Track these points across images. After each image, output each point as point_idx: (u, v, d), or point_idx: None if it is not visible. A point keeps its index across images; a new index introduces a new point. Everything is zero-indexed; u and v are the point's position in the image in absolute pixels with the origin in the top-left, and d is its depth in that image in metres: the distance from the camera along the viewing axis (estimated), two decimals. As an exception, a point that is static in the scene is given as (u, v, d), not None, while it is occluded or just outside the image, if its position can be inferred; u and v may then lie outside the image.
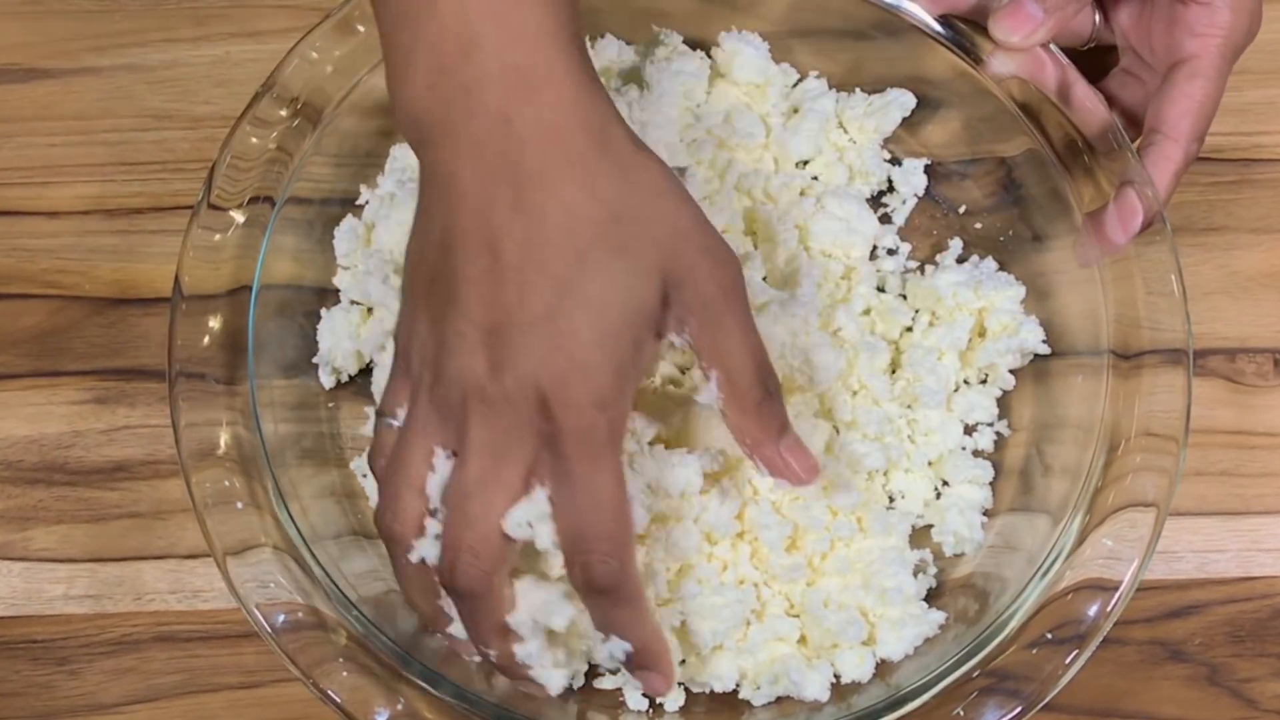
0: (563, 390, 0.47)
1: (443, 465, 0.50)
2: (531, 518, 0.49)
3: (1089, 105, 0.61)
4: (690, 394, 0.58)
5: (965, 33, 0.63)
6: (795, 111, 0.67)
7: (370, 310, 0.64)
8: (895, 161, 0.68)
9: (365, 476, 0.63)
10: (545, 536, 0.49)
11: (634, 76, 0.67)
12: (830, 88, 0.67)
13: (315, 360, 0.64)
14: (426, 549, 0.51)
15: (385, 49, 0.50)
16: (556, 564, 0.51)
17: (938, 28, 0.63)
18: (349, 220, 0.65)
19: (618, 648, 0.51)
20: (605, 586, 0.49)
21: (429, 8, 0.48)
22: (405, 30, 0.49)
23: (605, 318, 0.47)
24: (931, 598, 0.61)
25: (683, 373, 0.60)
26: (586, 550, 0.48)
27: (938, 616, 0.60)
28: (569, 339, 0.47)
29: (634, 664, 0.51)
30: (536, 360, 0.47)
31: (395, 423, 0.51)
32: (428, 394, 0.49)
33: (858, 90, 0.67)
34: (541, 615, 0.52)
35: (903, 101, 0.67)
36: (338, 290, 0.65)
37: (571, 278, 0.47)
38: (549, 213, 0.47)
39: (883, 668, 0.60)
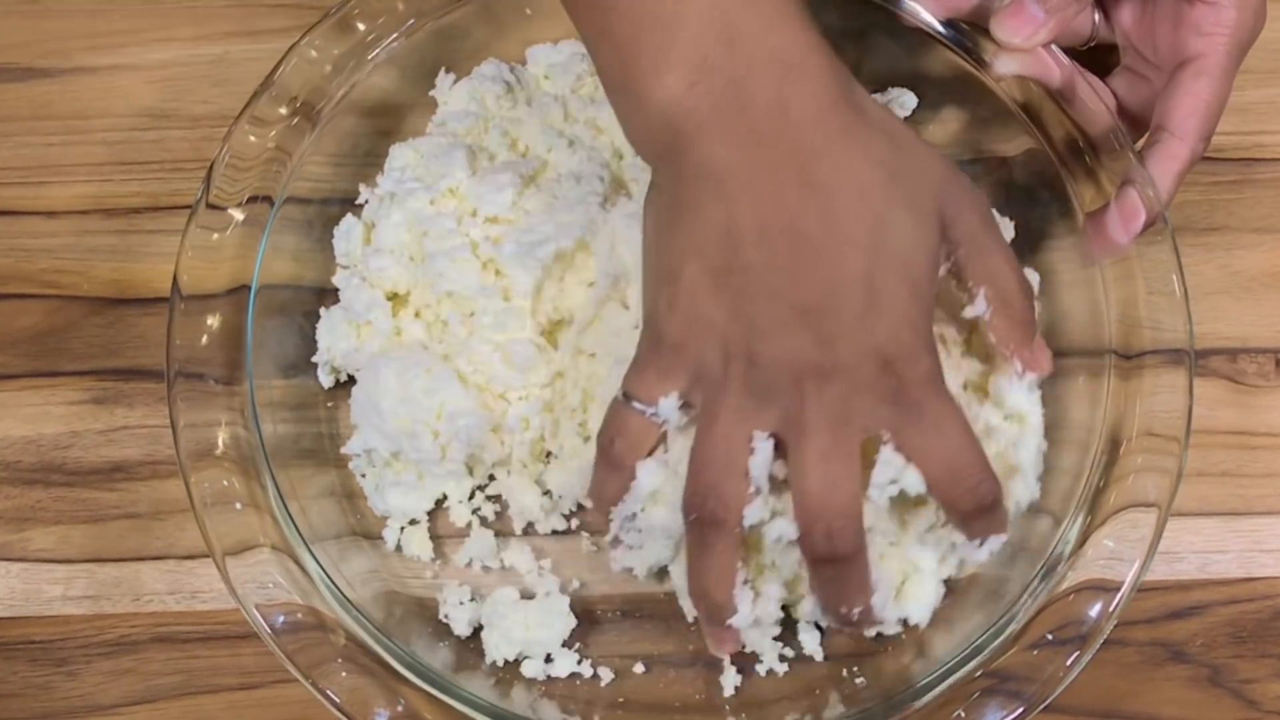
0: (898, 346, 0.49)
1: (763, 448, 0.51)
2: (892, 474, 0.51)
3: (1091, 105, 0.61)
4: None
5: (966, 32, 0.63)
6: None
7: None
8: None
9: (364, 476, 0.63)
10: (913, 483, 0.51)
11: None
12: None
13: (314, 360, 0.63)
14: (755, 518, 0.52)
15: (625, 55, 0.49)
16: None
17: (938, 27, 0.63)
18: (348, 219, 0.65)
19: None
20: (992, 503, 0.52)
21: (681, 6, 0.48)
22: (657, 31, 0.48)
23: (912, 270, 0.49)
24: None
25: None
26: (968, 476, 0.51)
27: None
28: (891, 298, 0.48)
29: (981, 534, 0.54)
30: (867, 325, 0.48)
31: (648, 410, 0.52)
32: (741, 381, 0.50)
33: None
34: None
35: (903, 101, 0.67)
36: (337, 290, 0.64)
37: (874, 241, 0.48)
38: (840, 185, 0.48)
39: (879, 666, 0.60)
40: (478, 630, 0.61)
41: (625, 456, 0.54)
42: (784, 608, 0.59)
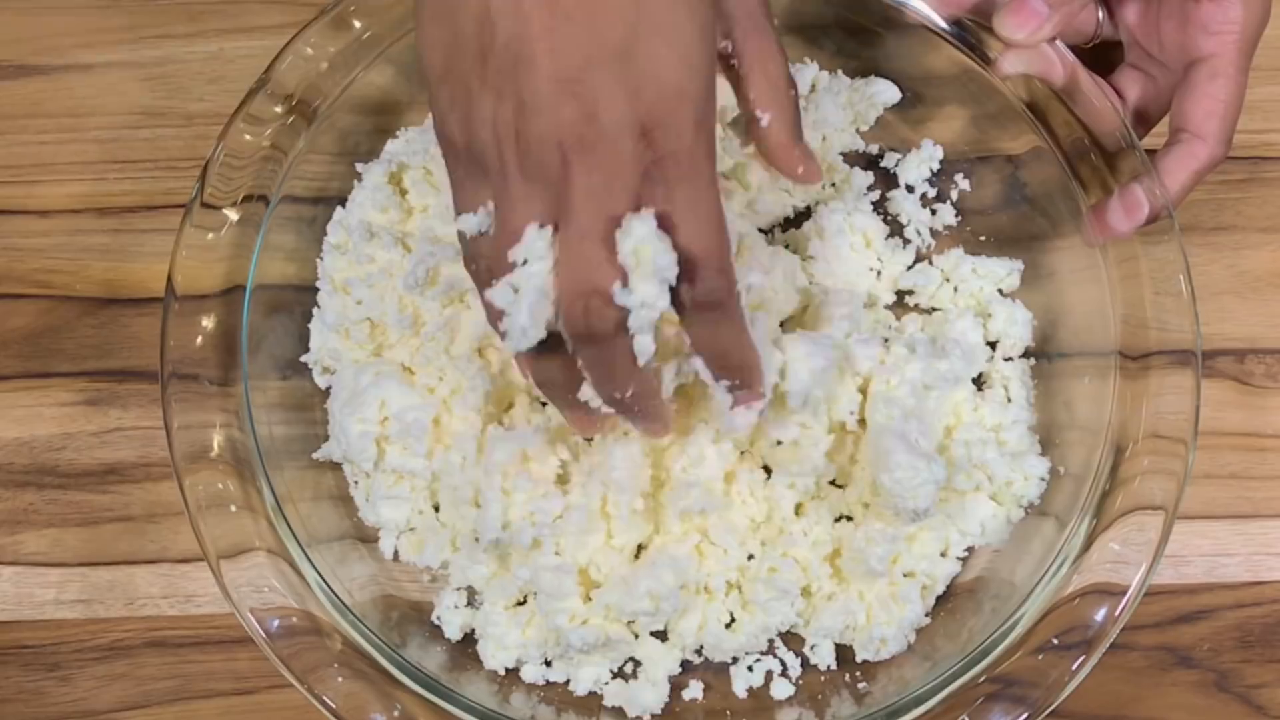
0: (662, 115, 0.47)
1: (532, 235, 0.48)
2: (638, 241, 0.48)
3: (1097, 103, 0.61)
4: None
5: (970, 29, 0.62)
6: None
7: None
8: (880, 157, 0.67)
9: (355, 484, 0.63)
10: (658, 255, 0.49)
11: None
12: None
13: (303, 359, 0.63)
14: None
15: None
16: None
17: (942, 24, 0.63)
18: (339, 211, 0.64)
19: (714, 373, 0.52)
20: (717, 300, 0.49)
21: None
22: None
23: (681, 37, 0.47)
24: (938, 600, 0.61)
25: None
26: (700, 266, 0.49)
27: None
28: (655, 65, 0.46)
29: (733, 383, 0.52)
30: (629, 93, 0.46)
31: (475, 218, 0.50)
32: (517, 170, 0.48)
33: (839, 72, 0.67)
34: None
35: (887, 96, 0.66)
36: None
37: (635, 6, 0.46)
38: None
39: (884, 671, 0.60)
40: (472, 633, 0.61)
41: (489, 271, 0.51)
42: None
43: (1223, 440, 0.65)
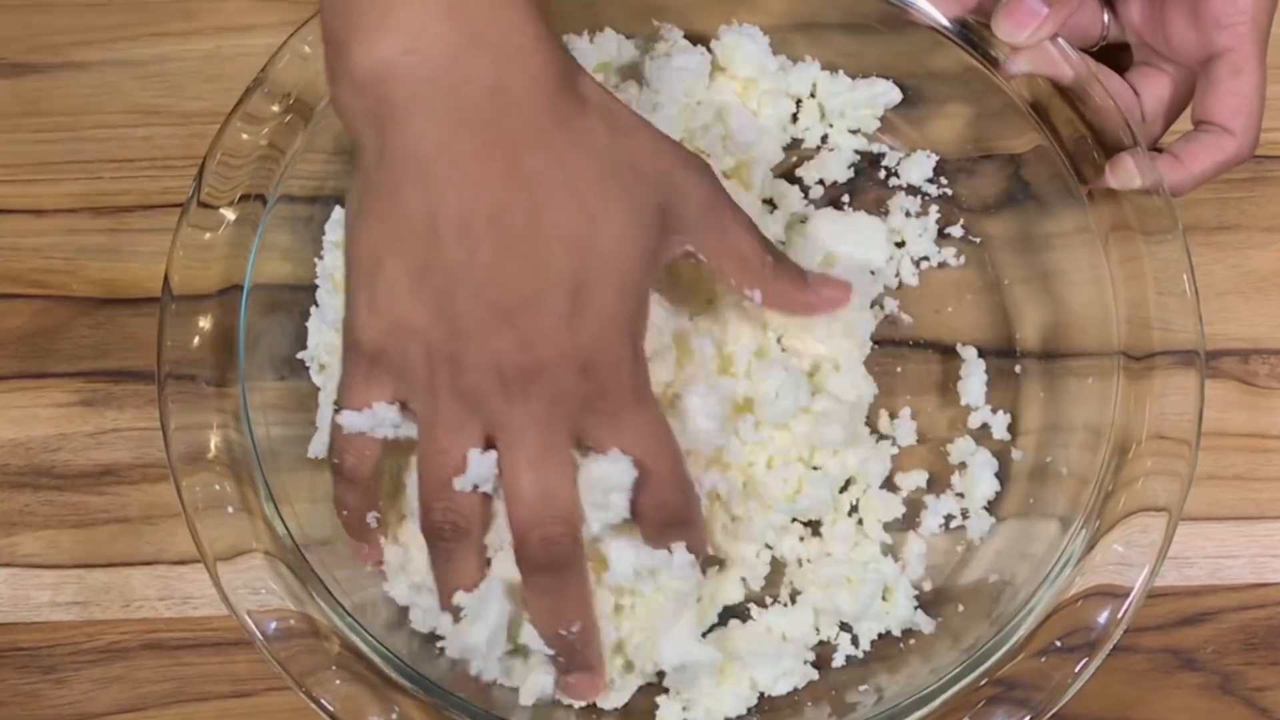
0: (600, 350, 0.48)
1: (474, 459, 0.49)
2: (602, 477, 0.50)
3: (1101, 101, 0.60)
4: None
5: (973, 27, 0.62)
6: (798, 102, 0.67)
7: None
8: (880, 156, 0.67)
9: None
10: (620, 505, 0.51)
11: (633, 73, 0.66)
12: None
13: (299, 355, 0.63)
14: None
15: (349, 11, 0.46)
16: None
17: (944, 22, 0.62)
18: (339, 210, 0.64)
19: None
20: (675, 516, 0.52)
21: None
22: None
23: (625, 270, 0.48)
24: (937, 602, 0.61)
25: None
26: (660, 482, 0.50)
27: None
28: (597, 299, 0.47)
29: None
30: (569, 328, 0.47)
31: (360, 416, 0.51)
32: (449, 391, 0.48)
33: (840, 71, 0.67)
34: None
35: (888, 97, 0.66)
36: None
37: (583, 238, 0.47)
38: (550, 179, 0.47)
39: (887, 673, 0.59)
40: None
41: (358, 470, 0.53)
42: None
43: (1227, 441, 0.65)
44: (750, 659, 0.59)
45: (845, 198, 0.66)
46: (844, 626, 0.61)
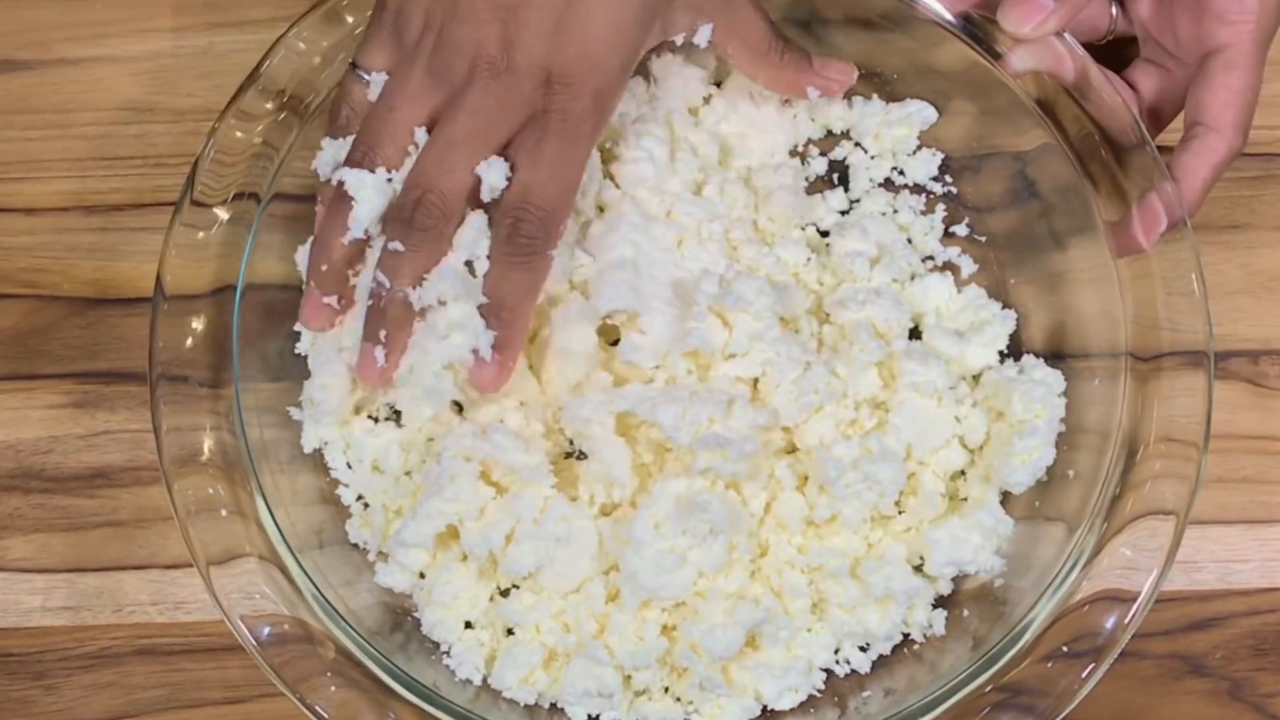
0: (568, 73, 0.52)
1: (420, 135, 0.54)
2: (490, 172, 0.54)
3: (1108, 98, 0.60)
4: None
5: (978, 23, 0.62)
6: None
7: None
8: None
9: (349, 490, 0.62)
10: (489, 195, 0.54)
11: (638, 69, 0.65)
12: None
13: (298, 350, 0.62)
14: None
15: None
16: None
17: (949, 17, 0.62)
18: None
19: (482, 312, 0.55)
20: (524, 248, 0.54)
21: None
22: None
23: (620, 9, 0.52)
24: (942, 607, 0.60)
25: None
26: (525, 204, 0.53)
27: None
28: (583, 25, 0.51)
29: (491, 327, 0.55)
30: (549, 41, 0.51)
31: (367, 76, 0.56)
32: (426, 59, 0.53)
33: (874, 97, 0.66)
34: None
35: (925, 115, 0.66)
36: None
37: None
38: None
39: (891, 679, 0.59)
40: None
41: (350, 123, 0.57)
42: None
43: (1236, 443, 0.64)
44: (757, 671, 0.58)
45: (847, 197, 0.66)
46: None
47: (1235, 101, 0.58)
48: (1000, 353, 0.62)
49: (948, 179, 0.66)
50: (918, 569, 0.60)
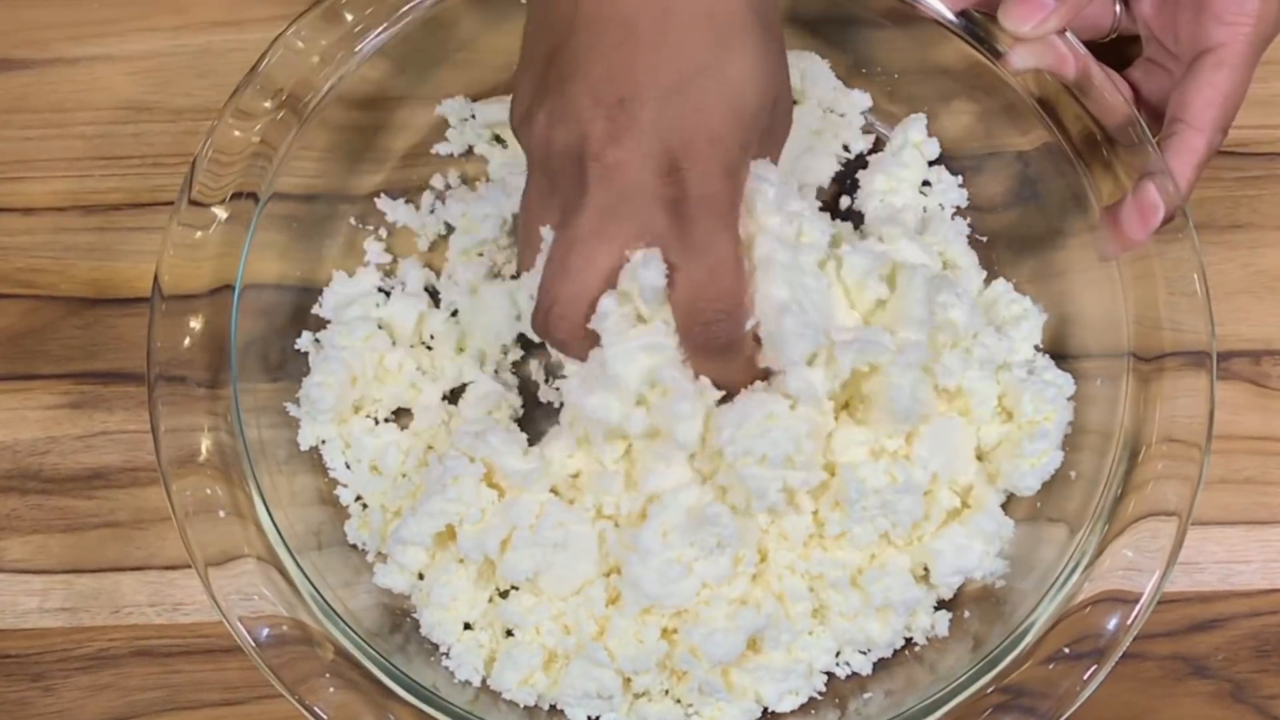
0: (693, 155, 0.49)
1: (547, 235, 0.53)
2: (646, 271, 0.51)
3: (1109, 97, 0.60)
4: None
5: (979, 21, 0.62)
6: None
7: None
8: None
9: (348, 490, 0.62)
10: (651, 294, 0.51)
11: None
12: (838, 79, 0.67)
13: (297, 346, 0.62)
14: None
15: None
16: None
17: (950, 16, 0.62)
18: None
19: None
20: (724, 345, 0.52)
21: None
22: None
23: (739, 96, 0.49)
24: (945, 608, 0.60)
25: None
26: (706, 308, 0.51)
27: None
28: (701, 110, 0.48)
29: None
30: (666, 127, 0.48)
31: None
32: (540, 167, 0.51)
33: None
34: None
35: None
36: (321, 290, 0.64)
37: (709, 60, 0.48)
38: (691, 5, 0.48)
39: (891, 681, 0.59)
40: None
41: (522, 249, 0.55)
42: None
43: (1238, 444, 0.64)
44: (758, 673, 0.58)
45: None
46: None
47: (1219, 101, 0.58)
48: (1035, 347, 0.62)
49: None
50: (922, 577, 0.59)
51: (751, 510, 0.56)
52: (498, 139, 0.66)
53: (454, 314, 0.64)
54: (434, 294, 0.64)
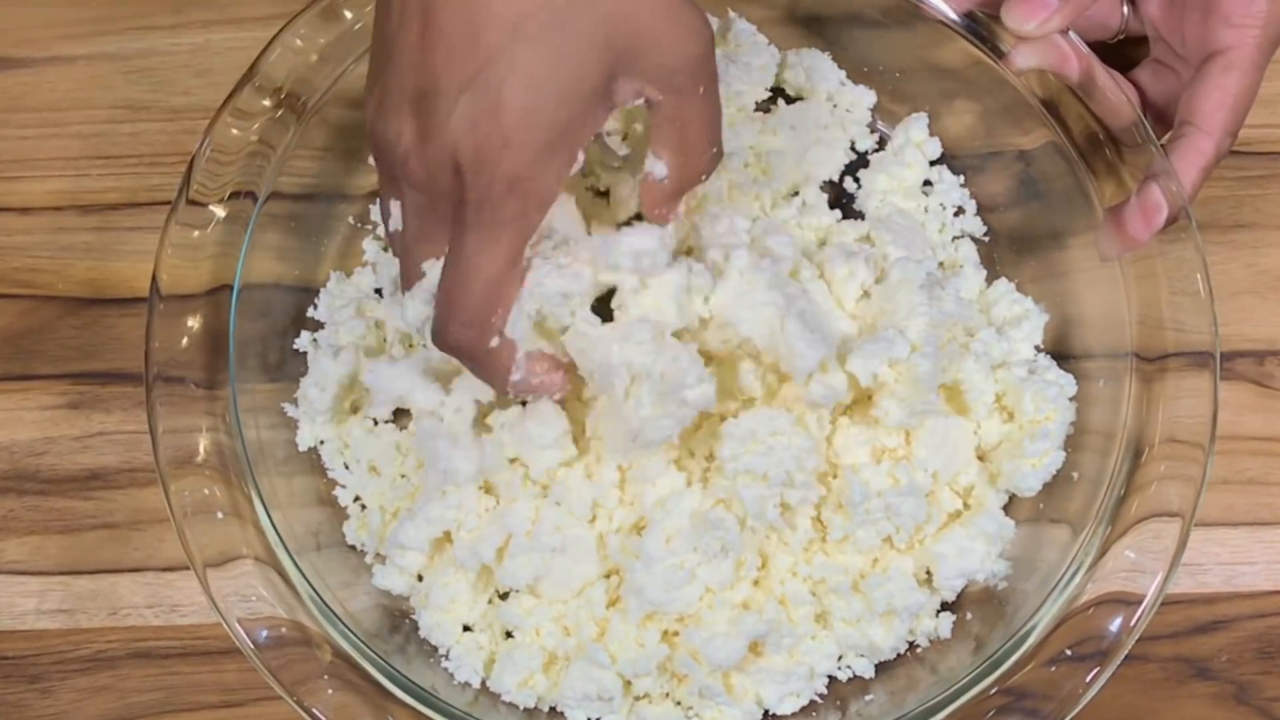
0: (475, 161, 0.47)
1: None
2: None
3: (1112, 97, 0.60)
4: None
5: (982, 21, 0.61)
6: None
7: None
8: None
9: (346, 491, 0.62)
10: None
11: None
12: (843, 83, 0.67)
13: (296, 345, 0.62)
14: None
15: None
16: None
17: (952, 15, 0.62)
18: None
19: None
20: (461, 352, 0.51)
21: None
22: None
23: (536, 91, 0.47)
24: (947, 610, 0.60)
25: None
26: (446, 316, 0.50)
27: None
28: (491, 110, 0.47)
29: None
30: (457, 129, 0.47)
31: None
32: (380, 160, 0.51)
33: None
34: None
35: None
36: (319, 290, 0.64)
37: (503, 47, 0.46)
38: None
39: (893, 682, 0.59)
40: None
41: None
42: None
43: (1241, 445, 0.64)
44: (759, 676, 0.58)
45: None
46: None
47: (1228, 104, 0.58)
48: (1036, 347, 0.62)
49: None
50: (924, 581, 0.59)
51: (748, 525, 0.56)
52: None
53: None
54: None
